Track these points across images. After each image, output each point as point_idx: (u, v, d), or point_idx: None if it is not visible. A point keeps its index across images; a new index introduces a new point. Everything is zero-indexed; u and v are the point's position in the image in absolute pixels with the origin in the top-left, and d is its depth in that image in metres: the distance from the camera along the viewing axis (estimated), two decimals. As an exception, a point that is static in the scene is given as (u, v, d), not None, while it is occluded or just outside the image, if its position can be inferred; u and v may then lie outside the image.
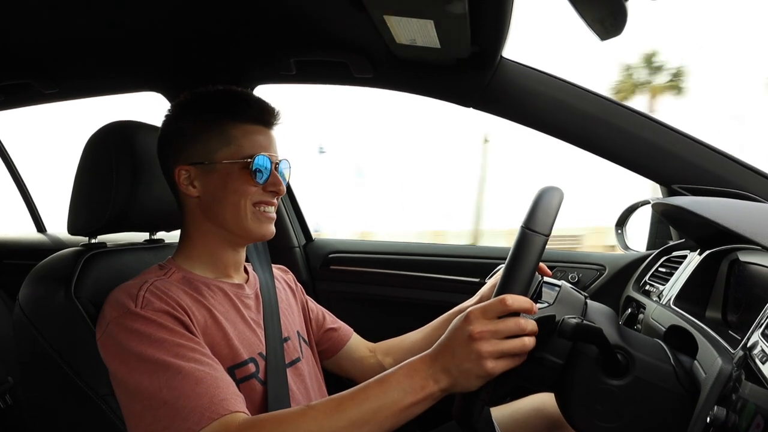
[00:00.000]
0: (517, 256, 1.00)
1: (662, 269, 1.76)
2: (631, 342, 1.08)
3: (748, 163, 1.60)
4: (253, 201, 1.26)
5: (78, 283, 1.29)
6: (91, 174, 1.39)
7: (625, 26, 1.27)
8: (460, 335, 0.96)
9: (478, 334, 0.94)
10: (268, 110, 1.29)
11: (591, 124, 1.68)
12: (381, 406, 0.95)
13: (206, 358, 1.08)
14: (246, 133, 1.25)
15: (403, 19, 1.36)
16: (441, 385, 0.96)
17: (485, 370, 0.94)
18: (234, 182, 1.24)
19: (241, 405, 1.03)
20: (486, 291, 1.48)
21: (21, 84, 2.00)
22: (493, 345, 0.94)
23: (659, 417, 1.04)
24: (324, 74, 1.90)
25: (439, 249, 2.35)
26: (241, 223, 1.26)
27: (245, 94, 1.29)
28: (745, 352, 0.92)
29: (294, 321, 1.46)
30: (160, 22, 1.62)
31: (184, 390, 1.00)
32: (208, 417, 0.98)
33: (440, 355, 0.98)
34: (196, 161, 1.25)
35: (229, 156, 1.24)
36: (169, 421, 0.99)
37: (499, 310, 0.96)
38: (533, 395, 1.61)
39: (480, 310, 0.96)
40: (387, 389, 0.97)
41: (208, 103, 1.28)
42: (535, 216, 1.00)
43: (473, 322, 0.96)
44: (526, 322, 0.96)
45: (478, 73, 1.69)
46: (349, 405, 0.96)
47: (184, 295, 1.18)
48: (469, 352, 0.94)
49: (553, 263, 2.09)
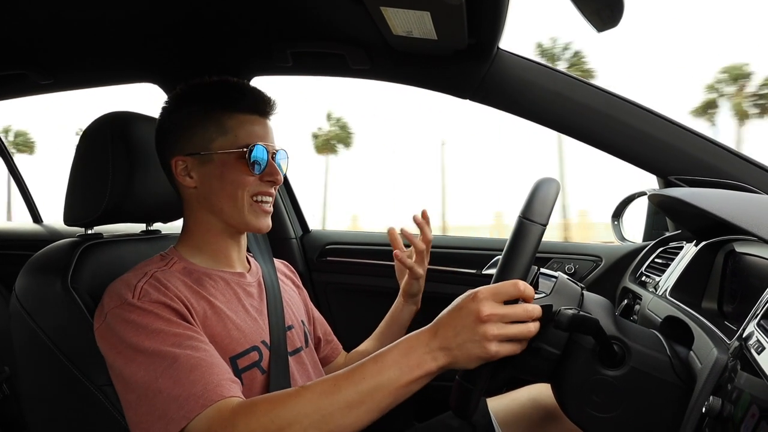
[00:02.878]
0: (514, 245, 0.99)
1: (659, 260, 1.76)
2: (628, 333, 1.09)
3: (744, 155, 1.60)
4: (250, 192, 1.25)
5: (74, 274, 1.29)
6: (87, 165, 1.38)
7: (621, 18, 1.27)
8: (466, 314, 0.94)
9: (487, 316, 0.92)
10: (263, 100, 1.28)
11: (588, 116, 1.68)
12: (377, 386, 0.94)
13: (202, 344, 1.08)
14: (242, 122, 1.25)
15: (399, 10, 1.36)
16: (439, 362, 0.95)
17: (488, 352, 0.92)
18: (231, 172, 1.24)
19: (235, 390, 1.03)
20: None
21: (16, 75, 1.99)
22: (500, 328, 0.92)
23: (655, 407, 1.04)
24: (321, 66, 1.90)
25: (436, 240, 2.35)
26: (238, 214, 1.26)
27: (240, 84, 1.29)
28: (741, 342, 0.92)
29: (297, 311, 1.46)
30: (156, 13, 1.62)
31: (179, 378, 1.01)
32: (202, 404, 0.98)
33: (440, 331, 0.95)
34: (192, 152, 1.25)
35: (226, 146, 1.23)
36: (164, 410, 0.99)
37: (510, 293, 0.94)
38: (529, 386, 1.62)
39: (490, 292, 0.94)
40: (383, 368, 0.95)
41: (203, 94, 1.27)
42: (532, 206, 1.00)
43: (482, 302, 0.93)
44: (533, 308, 0.96)
45: (475, 64, 1.69)
46: (344, 385, 0.95)
47: (183, 286, 1.19)
48: (474, 332, 0.92)
49: (550, 254, 2.10)
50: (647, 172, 1.71)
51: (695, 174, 1.62)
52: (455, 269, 2.18)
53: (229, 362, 1.17)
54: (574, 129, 1.72)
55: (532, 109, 1.73)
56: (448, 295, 1.62)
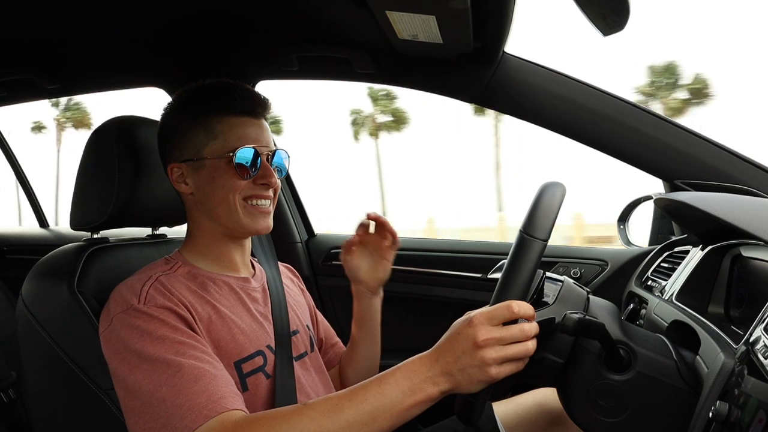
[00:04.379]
0: (515, 261, 0.99)
1: (665, 265, 1.76)
2: (634, 337, 1.08)
3: (750, 159, 1.60)
4: (243, 195, 1.24)
5: (81, 278, 1.30)
6: (93, 169, 1.39)
7: (627, 22, 1.27)
8: (463, 340, 0.95)
9: (484, 341, 0.93)
10: (254, 100, 1.26)
11: (593, 120, 1.68)
12: (379, 408, 0.95)
13: (206, 355, 1.08)
14: (231, 126, 1.23)
15: (405, 14, 1.36)
16: (441, 387, 0.96)
17: (489, 375, 0.93)
18: (220, 177, 1.22)
19: (239, 403, 1.03)
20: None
21: (23, 79, 2.00)
22: (497, 351, 0.93)
23: (661, 412, 1.04)
24: (326, 70, 1.90)
25: (441, 244, 2.35)
26: (233, 218, 1.25)
27: (230, 86, 1.27)
28: (748, 347, 0.92)
29: (302, 315, 1.46)
30: (161, 18, 1.62)
31: (183, 388, 1.01)
32: (205, 415, 0.98)
33: (441, 357, 0.96)
34: (186, 158, 1.24)
35: (216, 151, 1.22)
36: (166, 419, 0.99)
37: (505, 316, 0.95)
38: (535, 390, 1.61)
39: (485, 317, 0.95)
40: (385, 390, 0.96)
41: (195, 98, 1.26)
42: (533, 220, 0.99)
43: (478, 328, 0.94)
44: (530, 328, 0.95)
45: (480, 68, 1.69)
46: (347, 406, 0.96)
47: (187, 291, 1.18)
48: (473, 357, 0.93)
49: (556, 258, 2.09)
50: (653, 176, 1.70)
51: (701, 178, 1.61)
52: (461, 273, 2.17)
53: (233, 367, 1.17)
54: (579, 133, 1.71)
55: (537, 112, 1.73)
56: (455, 299, 1.63)
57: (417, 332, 2.10)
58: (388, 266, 1.47)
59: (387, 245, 1.42)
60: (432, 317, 2.21)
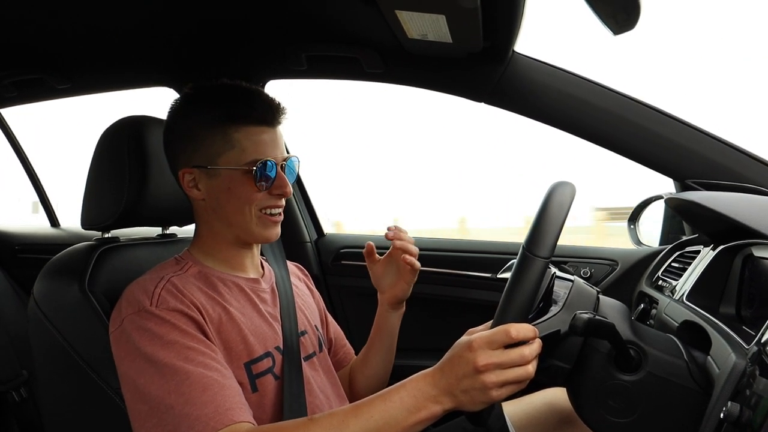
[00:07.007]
0: (516, 280, 0.99)
1: (675, 264, 1.75)
2: (644, 337, 1.08)
3: (761, 157, 1.59)
4: (258, 206, 1.24)
5: (92, 278, 1.31)
6: (104, 169, 1.39)
7: (638, 21, 1.26)
8: (464, 364, 0.95)
9: (484, 366, 0.93)
10: (273, 108, 1.24)
11: (603, 119, 1.67)
12: (384, 425, 0.96)
13: (215, 362, 1.08)
14: (249, 135, 1.21)
15: (414, 13, 1.36)
16: (444, 406, 0.97)
17: (490, 397, 0.94)
18: (238, 188, 1.21)
19: (246, 414, 1.04)
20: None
21: (34, 79, 2.01)
22: (498, 375, 0.94)
23: (672, 413, 1.03)
24: (335, 69, 1.90)
25: (450, 244, 2.35)
26: (246, 227, 1.25)
27: (249, 92, 1.26)
28: (759, 347, 0.91)
29: (311, 316, 1.46)
30: (170, 17, 1.63)
31: (191, 396, 1.01)
32: (213, 426, 0.99)
33: (444, 378, 0.97)
34: (199, 164, 1.23)
35: (233, 161, 1.21)
36: (174, 426, 1.00)
37: (504, 341, 0.95)
38: (545, 390, 1.61)
39: (485, 341, 0.95)
40: (390, 407, 0.97)
41: (210, 102, 1.24)
42: (536, 236, 0.99)
43: (478, 352, 0.94)
44: (529, 352, 0.95)
45: (490, 67, 1.69)
46: (352, 422, 0.97)
47: (199, 292, 1.19)
48: (474, 381, 0.94)
49: (566, 258, 2.09)
50: (664, 175, 1.69)
51: (712, 177, 1.60)
52: (471, 273, 2.17)
53: (244, 368, 1.18)
54: (590, 132, 1.70)
55: (547, 112, 1.72)
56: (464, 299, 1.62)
57: (425, 332, 2.11)
58: (407, 288, 1.42)
59: (407, 268, 1.37)
60: (440, 317, 2.22)
